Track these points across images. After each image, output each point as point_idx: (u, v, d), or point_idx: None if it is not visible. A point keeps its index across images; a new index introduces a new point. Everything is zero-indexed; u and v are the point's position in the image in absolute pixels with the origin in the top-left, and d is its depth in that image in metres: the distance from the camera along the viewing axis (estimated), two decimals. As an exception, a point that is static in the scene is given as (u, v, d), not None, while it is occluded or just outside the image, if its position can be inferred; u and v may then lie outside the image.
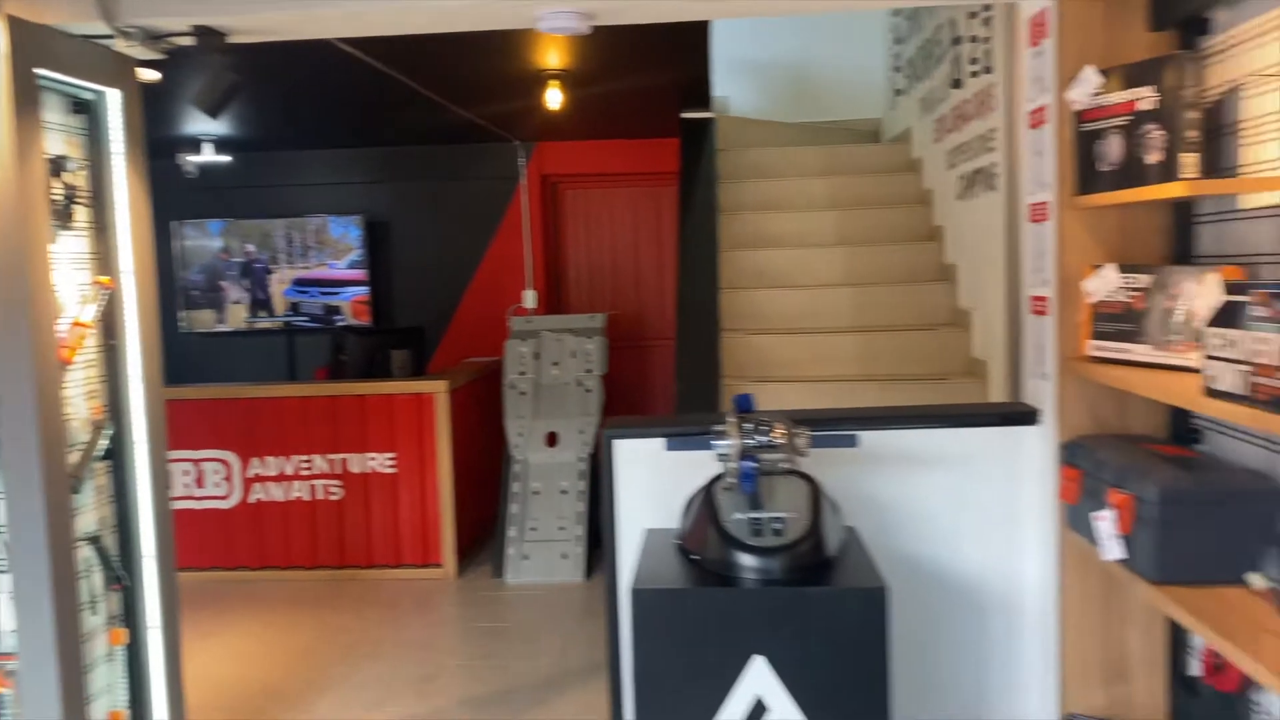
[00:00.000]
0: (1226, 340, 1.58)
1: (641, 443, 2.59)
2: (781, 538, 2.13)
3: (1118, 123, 2.16)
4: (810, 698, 2.03)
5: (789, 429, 2.21)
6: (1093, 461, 2.13)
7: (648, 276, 7.18)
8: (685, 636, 2.06)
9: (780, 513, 2.18)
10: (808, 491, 2.25)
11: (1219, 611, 1.77)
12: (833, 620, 2.03)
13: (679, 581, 2.13)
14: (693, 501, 2.36)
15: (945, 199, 4.92)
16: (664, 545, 2.37)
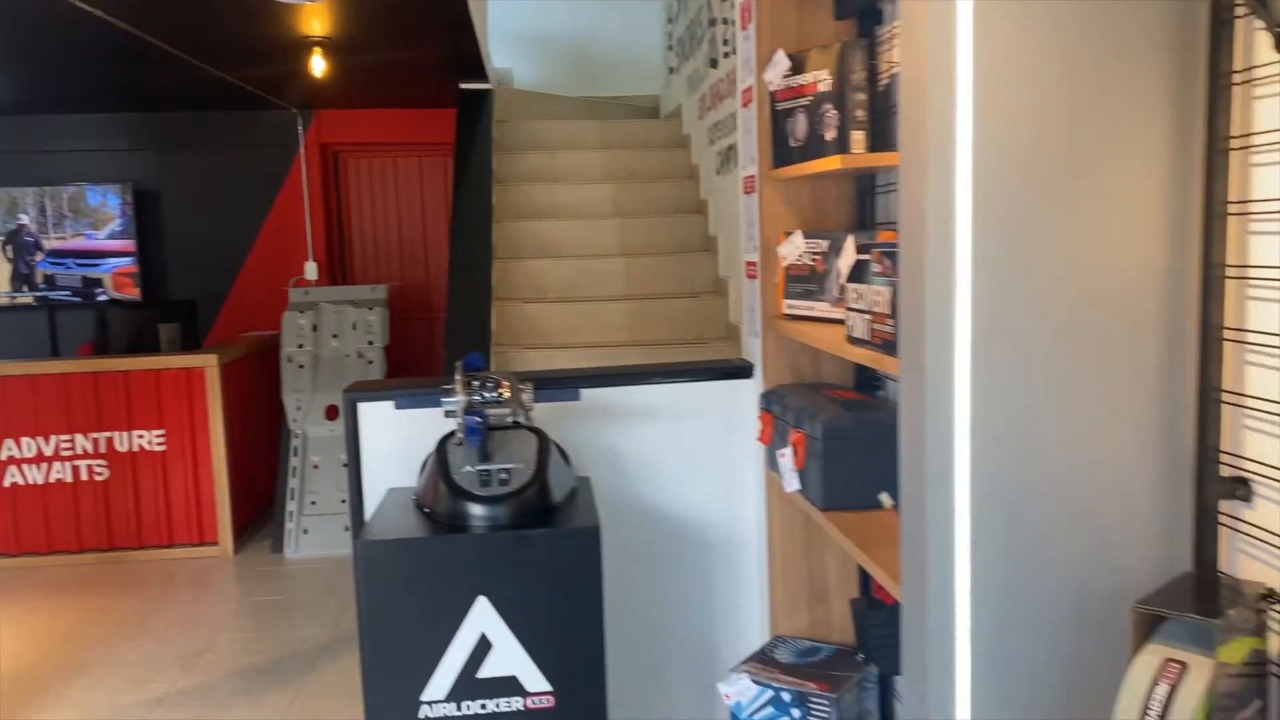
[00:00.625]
0: (858, 294, 1.83)
1: (383, 405, 2.68)
2: (507, 487, 2.28)
3: (803, 103, 2.41)
4: (529, 631, 2.19)
5: (514, 385, 2.35)
6: (781, 406, 2.38)
7: (435, 247, 7.19)
8: (412, 584, 2.17)
9: (507, 464, 2.33)
10: (536, 444, 2.41)
11: (868, 530, 2.04)
12: (550, 560, 2.20)
13: (406, 533, 2.24)
14: (428, 459, 2.47)
15: (708, 174, 5.19)
16: (402, 502, 2.47)
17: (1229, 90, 1.37)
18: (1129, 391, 1.45)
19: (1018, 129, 1.40)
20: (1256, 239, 1.36)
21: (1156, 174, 1.42)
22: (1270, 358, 1.35)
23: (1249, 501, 1.40)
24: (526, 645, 2.20)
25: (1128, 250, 1.43)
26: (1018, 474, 1.45)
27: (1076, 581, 1.47)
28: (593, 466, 2.77)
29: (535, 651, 2.20)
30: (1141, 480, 1.47)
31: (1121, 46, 1.40)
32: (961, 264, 1.41)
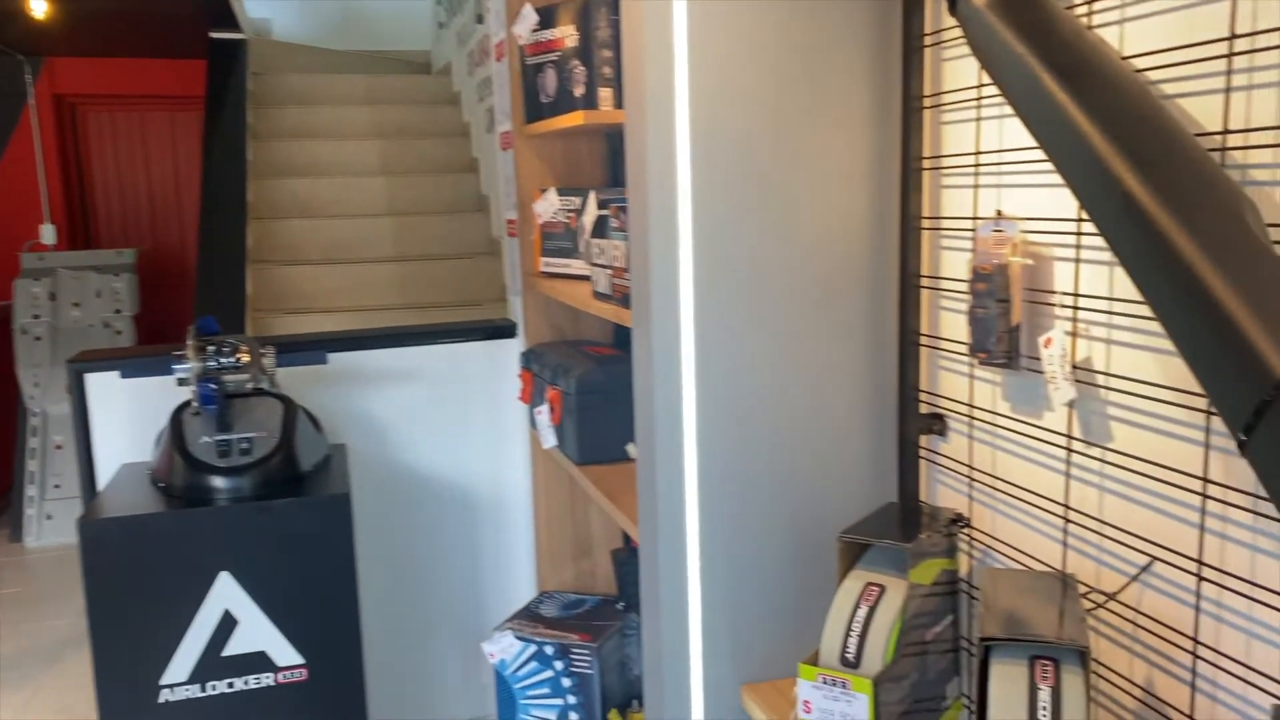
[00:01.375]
0: (600, 249, 1.85)
1: (113, 376, 2.48)
2: (249, 456, 2.17)
3: (552, 58, 2.39)
4: (278, 604, 2.11)
5: (254, 349, 2.23)
6: (540, 364, 2.38)
7: (191, 209, 6.72)
8: (146, 563, 2.04)
9: (248, 433, 2.21)
10: (281, 411, 2.30)
11: (620, 481, 2.09)
12: (298, 530, 2.12)
13: (137, 509, 2.10)
14: (163, 431, 2.32)
15: (479, 131, 5.10)
16: (135, 478, 2.31)
17: (921, 53, 1.46)
18: (840, 336, 1.54)
19: (731, 89, 1.44)
20: (947, 192, 1.47)
21: (860, 132, 1.50)
22: (957, 301, 1.46)
23: (945, 436, 1.52)
24: (275, 619, 2.11)
25: (835, 204, 1.50)
26: (739, 417, 1.51)
27: (796, 516, 1.55)
28: (350, 434, 2.68)
29: (285, 625, 2.12)
30: (853, 419, 1.56)
31: (826, 11, 1.46)
32: (683, 218, 1.45)
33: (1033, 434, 1.32)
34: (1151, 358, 1.12)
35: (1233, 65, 0.99)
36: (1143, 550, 1.15)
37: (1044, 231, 1.27)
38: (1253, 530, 1.00)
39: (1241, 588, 1.02)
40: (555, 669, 2.38)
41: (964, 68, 1.40)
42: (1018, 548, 1.38)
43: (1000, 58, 1.14)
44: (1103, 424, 1.20)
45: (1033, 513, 1.34)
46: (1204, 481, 1.04)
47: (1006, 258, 1.28)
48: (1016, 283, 1.28)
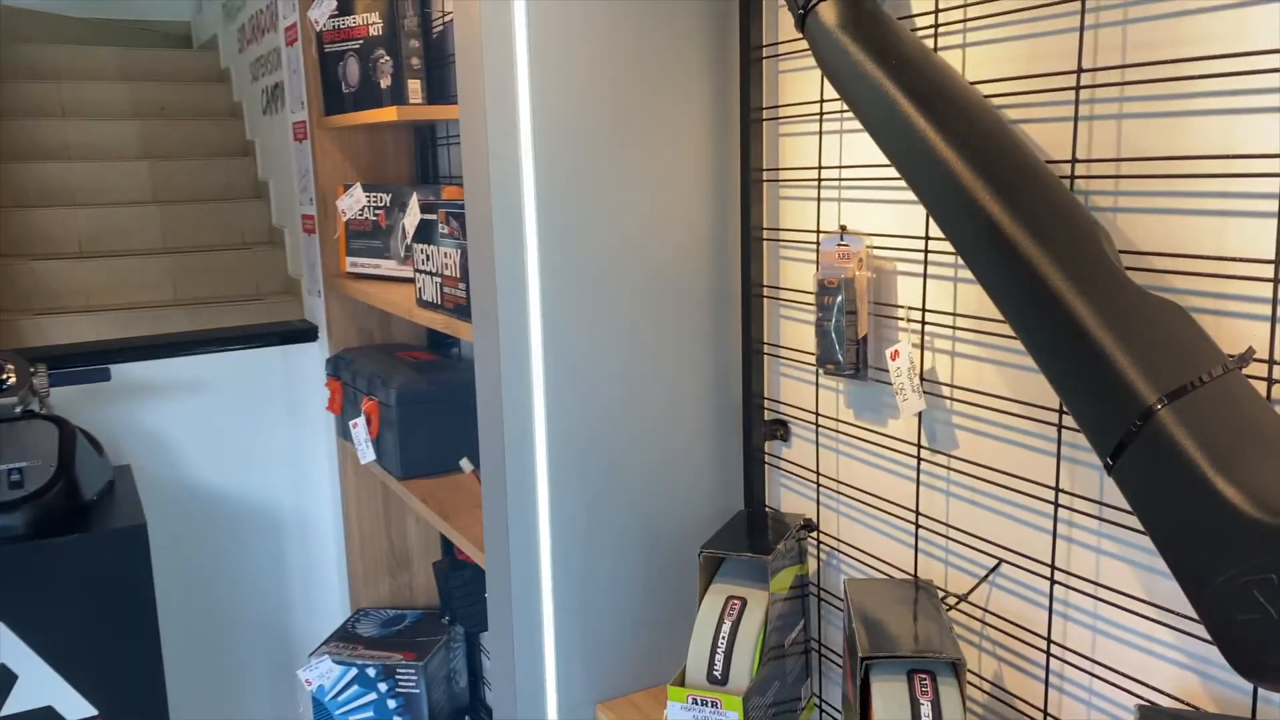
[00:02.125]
0: (426, 255, 1.76)
1: None
2: (21, 490, 1.93)
3: (353, 46, 2.25)
4: (65, 653, 1.89)
5: (21, 368, 1.98)
6: (351, 372, 2.25)
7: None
8: (-103, 621, 1.77)
9: (19, 463, 1.96)
10: (56, 435, 2.05)
11: (448, 496, 2.00)
12: (88, 569, 1.90)
13: (-115, 559, 1.82)
14: (-92, 463, 2.01)
15: (254, 113, 4.77)
16: (-125, 519, 2.00)
17: (759, 63, 1.47)
18: (684, 345, 1.53)
19: (571, 91, 1.39)
20: (788, 204, 1.49)
21: (700, 141, 1.49)
22: (798, 311, 1.49)
23: (788, 441, 1.55)
24: (62, 670, 1.89)
25: (677, 213, 1.49)
26: (589, 430, 1.47)
27: (647, 527, 1.54)
28: (134, 453, 2.44)
29: (74, 675, 1.91)
30: (698, 428, 1.56)
31: (666, 21, 1.44)
32: (529, 227, 1.39)
33: (880, 441, 1.36)
34: (995, 369, 1.17)
35: (1080, 96, 1.04)
36: (990, 553, 1.21)
37: (888, 247, 1.31)
38: (1098, 534, 1.07)
39: (1088, 588, 1.09)
40: (379, 691, 2.27)
41: (804, 80, 1.42)
42: (865, 550, 1.42)
43: (852, 78, 1.16)
44: (948, 432, 1.25)
45: (878, 515, 1.39)
46: (1056, 490, 1.10)
47: (853, 271, 1.31)
48: (863, 296, 1.32)
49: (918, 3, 1.22)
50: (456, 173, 2.42)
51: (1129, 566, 1.04)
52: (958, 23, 1.18)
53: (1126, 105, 1.00)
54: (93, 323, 3.93)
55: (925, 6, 1.21)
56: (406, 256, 2.24)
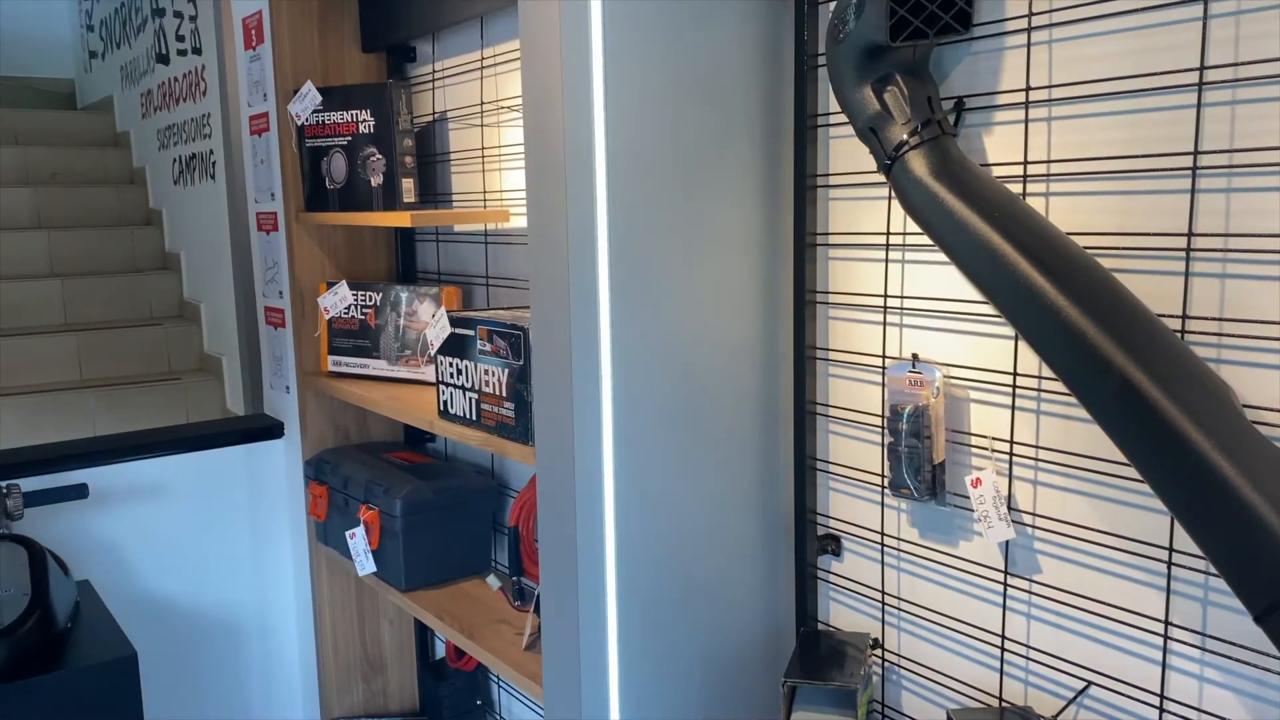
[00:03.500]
0: (458, 368, 1.72)
1: None
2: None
3: (340, 142, 2.19)
4: (48, 804, 1.73)
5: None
6: (339, 477, 2.16)
7: None
8: None
9: (-12, 593, 1.80)
10: (25, 559, 1.90)
11: (460, 607, 1.95)
12: (73, 708, 1.75)
13: None
14: None
15: (162, 181, 4.57)
16: None
17: (815, 190, 1.51)
18: (735, 461, 1.54)
19: (635, 228, 1.40)
20: (836, 323, 1.53)
21: (752, 264, 1.52)
22: (844, 426, 1.53)
23: (840, 557, 1.58)
24: (43, 822, 1.73)
25: (730, 330, 1.51)
26: (652, 555, 1.47)
27: (704, 649, 1.54)
28: (88, 565, 2.27)
29: (55, 826, 1.75)
30: (748, 544, 1.57)
31: (720, 145, 1.47)
32: (604, 353, 1.39)
33: (949, 562, 1.40)
34: (1083, 500, 1.23)
35: (1190, 255, 1.12)
36: (1077, 675, 1.26)
37: (959, 377, 1.36)
38: (1200, 662, 1.14)
39: (1192, 715, 1.15)
40: (372, 813, 2.17)
41: (854, 206, 1.47)
42: (933, 668, 1.46)
43: (948, 227, 1.21)
44: (1029, 557, 1.30)
45: (945, 633, 1.42)
46: (1165, 624, 1.16)
47: (927, 398, 1.36)
48: (939, 423, 1.36)
49: (999, 152, 1.29)
50: (433, 268, 2.38)
51: (1233, 695, 1.11)
52: (1041, 176, 1.25)
53: (1230, 266, 1.08)
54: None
55: (1011, 155, 1.28)
56: (399, 357, 2.18)
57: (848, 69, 1.29)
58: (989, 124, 1.29)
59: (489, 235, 2.15)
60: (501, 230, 2.11)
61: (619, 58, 1.34)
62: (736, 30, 1.46)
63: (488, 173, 2.12)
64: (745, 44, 1.47)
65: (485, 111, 2.09)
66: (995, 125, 1.29)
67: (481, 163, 2.12)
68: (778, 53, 1.50)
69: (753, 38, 1.47)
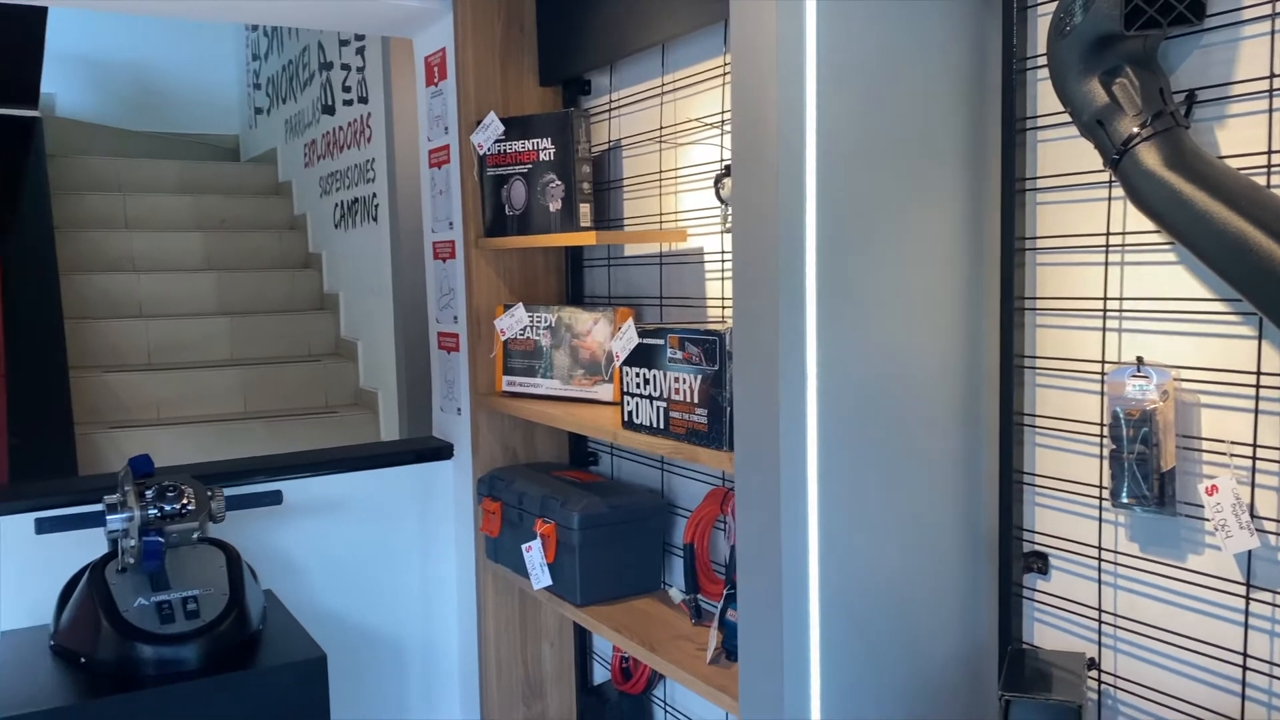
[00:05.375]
0: (645, 378, 1.74)
1: (-11, 524, 2.05)
2: (198, 619, 1.85)
3: (520, 170, 2.27)
4: (242, 798, 1.78)
5: (199, 493, 1.92)
6: (513, 494, 2.20)
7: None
8: (77, 764, 1.66)
9: (193, 589, 1.89)
10: (224, 561, 1.98)
11: (636, 622, 1.94)
12: (266, 705, 1.81)
13: (63, 695, 1.72)
14: (73, 589, 1.93)
15: (322, 226, 4.80)
16: (32, 649, 1.91)
17: (1023, 194, 1.49)
18: (938, 475, 1.51)
19: (841, 231, 1.40)
20: (1042, 331, 1.49)
21: (957, 271, 1.50)
22: (1052, 438, 1.48)
23: (1047, 574, 1.52)
24: (238, 816, 1.78)
25: (934, 342, 1.49)
26: (855, 569, 1.44)
27: (903, 664, 1.49)
28: (266, 576, 2.36)
29: (248, 821, 1.79)
30: (949, 560, 1.53)
31: (925, 153, 1.46)
32: (810, 359, 1.38)
33: (1177, 576, 1.33)
34: (1344, 508, 1.16)
35: None
36: (1335, 695, 1.18)
37: (1189, 379, 1.30)
38: None
39: None
40: (538, 834, 2.16)
41: (1065, 209, 1.44)
42: (1155, 689, 1.38)
43: (1188, 219, 1.17)
44: (1271, 570, 1.23)
45: (1170, 654, 1.35)
46: None
47: (1156, 403, 1.30)
48: (1169, 429, 1.31)
49: (1235, 144, 1.25)
50: (601, 292, 2.42)
51: None
52: (1285, 164, 1.20)
53: None
54: (167, 436, 3.86)
55: (1251, 147, 1.23)
56: (572, 377, 2.22)
57: (1073, 62, 1.27)
58: (1223, 117, 1.26)
59: (664, 256, 2.18)
60: (677, 250, 2.14)
61: (830, 65, 1.35)
62: (942, 35, 1.46)
63: (664, 195, 2.16)
64: (950, 49, 1.47)
65: (664, 135, 2.14)
66: (1231, 118, 1.25)
67: (659, 185, 2.16)
68: (984, 57, 1.50)
69: (958, 43, 1.47)
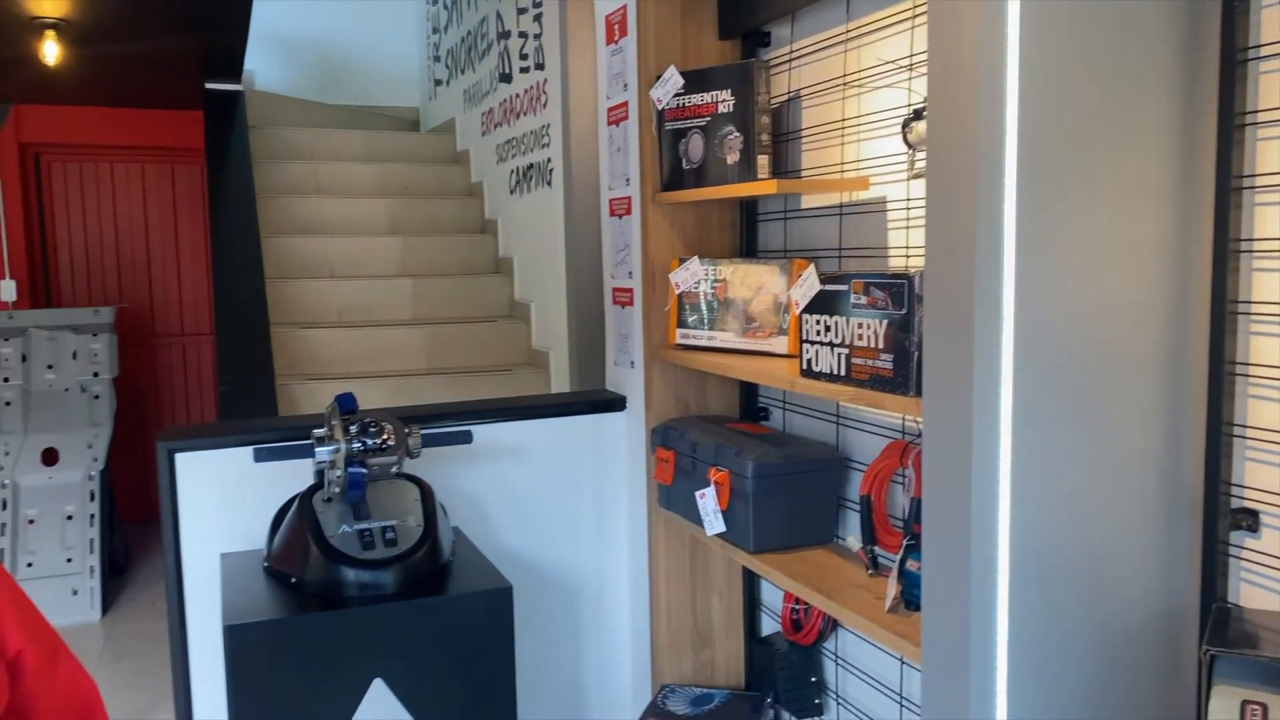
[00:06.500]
0: (825, 325, 1.74)
1: (210, 455, 2.25)
2: (395, 547, 1.97)
3: (699, 123, 2.29)
4: (434, 713, 1.90)
5: (399, 429, 2.04)
6: (687, 443, 2.24)
7: (163, 265, 6.38)
8: (291, 670, 1.81)
9: (391, 520, 2.01)
10: (418, 495, 2.11)
11: (810, 571, 1.95)
12: (458, 629, 1.92)
13: (279, 610, 1.87)
14: (283, 517, 2.09)
15: (497, 192, 4.96)
16: (249, 570, 2.08)
17: (1242, 130, 1.40)
18: (1138, 426, 1.44)
19: (1041, 168, 1.35)
20: (1260, 275, 1.40)
21: (1166, 209, 1.43)
22: (1274, 388, 1.39)
23: (1256, 532, 1.44)
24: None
25: (1138, 287, 1.42)
26: (1048, 520, 1.40)
27: (1096, 620, 1.44)
28: (452, 514, 2.48)
29: (438, 735, 1.91)
30: (1147, 514, 1.47)
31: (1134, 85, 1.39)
32: (1007, 302, 1.35)
33: None
34: None
35: None
36: None
37: None
38: None
39: None
40: (707, 774, 2.21)
41: (1298, 148, 1.35)
42: (1379, 656, 1.29)
43: None
44: None
45: (1403, 619, 1.26)
46: None
47: (1391, 349, 1.21)
48: (1406, 375, 1.21)
49: None
50: (775, 245, 2.42)
51: None
52: None
53: None
54: (355, 389, 4.09)
55: None
56: (746, 329, 2.23)
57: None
58: None
59: (844, 207, 2.16)
60: (857, 200, 2.11)
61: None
62: (1156, -39, 1.38)
63: (845, 145, 2.13)
64: (1165, -24, 1.39)
65: (848, 82, 2.11)
66: None
67: (841, 134, 2.13)
68: (1201, -16, 1.41)
69: None
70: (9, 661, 1.01)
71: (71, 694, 1.11)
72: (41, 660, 1.06)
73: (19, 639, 1.03)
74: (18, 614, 1.04)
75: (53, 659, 1.09)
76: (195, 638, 2.24)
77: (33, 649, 1.04)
